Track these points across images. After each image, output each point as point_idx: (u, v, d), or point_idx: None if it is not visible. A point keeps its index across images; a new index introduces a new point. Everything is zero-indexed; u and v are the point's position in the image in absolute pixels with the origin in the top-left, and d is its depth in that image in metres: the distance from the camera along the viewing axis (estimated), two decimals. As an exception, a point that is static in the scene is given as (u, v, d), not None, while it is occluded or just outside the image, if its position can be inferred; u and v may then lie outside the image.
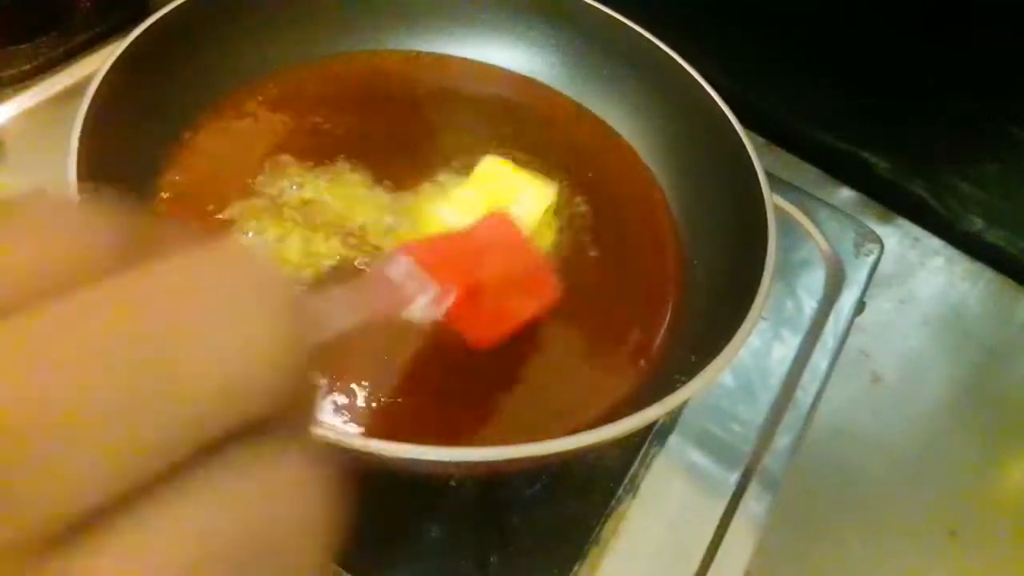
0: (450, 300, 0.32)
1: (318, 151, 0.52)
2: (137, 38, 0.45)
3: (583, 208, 0.54)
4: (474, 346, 0.37)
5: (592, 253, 0.52)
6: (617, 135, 0.59)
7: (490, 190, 0.48)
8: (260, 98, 0.55)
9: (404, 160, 0.53)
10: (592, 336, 0.48)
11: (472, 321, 0.35)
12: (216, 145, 0.51)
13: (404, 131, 0.56)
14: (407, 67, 0.60)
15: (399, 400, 0.42)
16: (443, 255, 0.33)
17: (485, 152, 0.52)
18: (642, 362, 0.47)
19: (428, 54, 0.61)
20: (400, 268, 0.30)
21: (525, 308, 0.41)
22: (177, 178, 0.49)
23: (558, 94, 0.61)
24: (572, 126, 0.60)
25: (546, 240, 0.51)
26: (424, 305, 0.30)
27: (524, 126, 0.58)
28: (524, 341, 0.45)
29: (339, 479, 0.13)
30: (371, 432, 0.41)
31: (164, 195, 0.48)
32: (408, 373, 0.44)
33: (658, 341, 0.48)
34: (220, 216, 0.48)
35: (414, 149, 0.55)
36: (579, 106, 0.61)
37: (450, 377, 0.44)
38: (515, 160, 0.52)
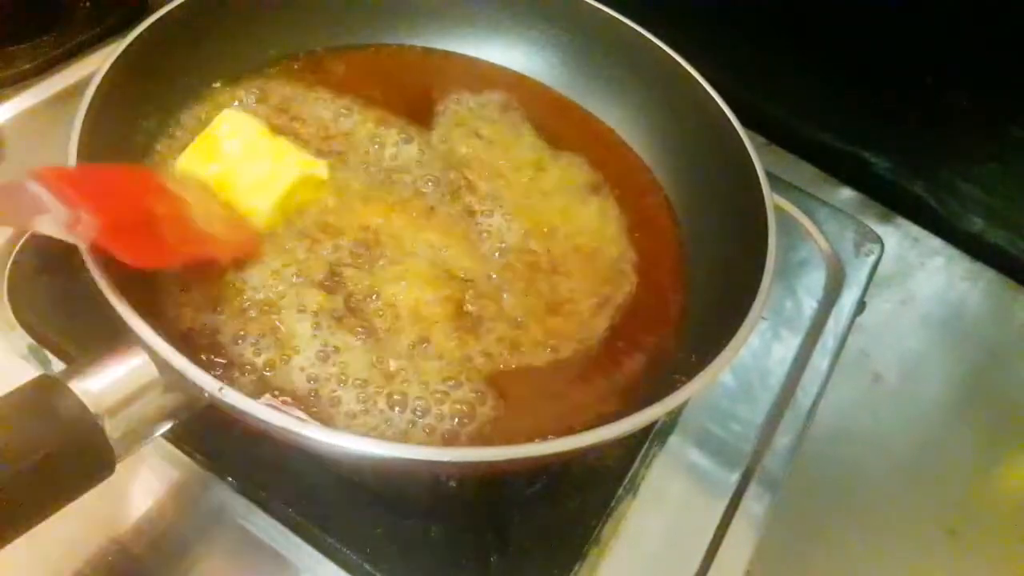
0: (88, 226, 0.34)
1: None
2: (137, 38, 0.45)
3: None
4: (132, 265, 0.37)
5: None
6: (617, 135, 0.59)
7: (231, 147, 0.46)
8: (259, 96, 0.54)
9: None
10: (593, 336, 0.48)
11: (127, 245, 0.36)
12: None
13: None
14: (406, 63, 0.60)
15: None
16: (86, 186, 0.35)
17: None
18: (642, 362, 0.47)
19: (428, 50, 0.61)
20: (28, 188, 0.33)
21: (192, 244, 0.42)
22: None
23: (558, 94, 0.61)
24: (571, 126, 0.60)
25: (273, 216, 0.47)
26: (54, 224, 0.33)
27: (521, 127, 0.58)
28: (524, 340, 0.46)
29: None
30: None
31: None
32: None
33: (658, 341, 0.48)
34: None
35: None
36: (579, 107, 0.61)
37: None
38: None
